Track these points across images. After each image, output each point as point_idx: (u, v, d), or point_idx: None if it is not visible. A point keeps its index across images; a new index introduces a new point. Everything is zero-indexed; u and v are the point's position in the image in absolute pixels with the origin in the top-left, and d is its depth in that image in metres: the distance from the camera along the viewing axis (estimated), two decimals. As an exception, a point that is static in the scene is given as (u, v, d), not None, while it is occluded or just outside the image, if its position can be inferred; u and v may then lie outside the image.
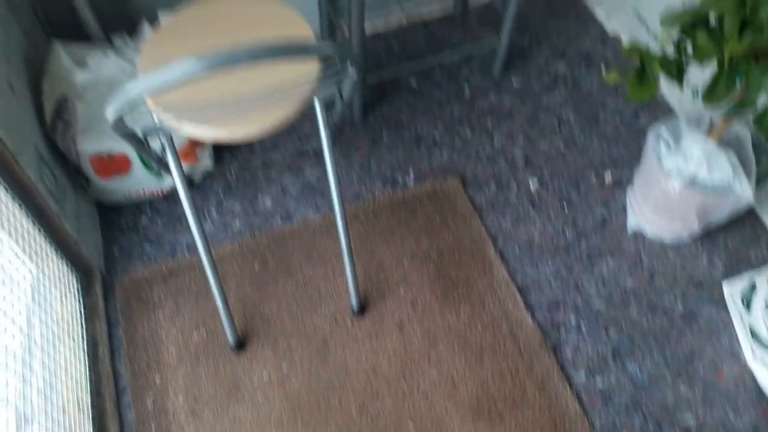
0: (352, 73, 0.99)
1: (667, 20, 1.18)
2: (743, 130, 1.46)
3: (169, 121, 1.01)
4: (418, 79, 1.92)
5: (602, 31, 2.03)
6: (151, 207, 1.66)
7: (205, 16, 1.15)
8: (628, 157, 1.76)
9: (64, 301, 1.41)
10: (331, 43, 0.88)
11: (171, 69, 0.76)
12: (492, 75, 1.92)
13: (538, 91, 1.90)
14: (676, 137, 1.47)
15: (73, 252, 1.44)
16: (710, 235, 1.62)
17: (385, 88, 1.90)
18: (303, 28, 1.12)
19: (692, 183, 1.42)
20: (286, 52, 0.78)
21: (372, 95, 1.88)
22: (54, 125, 1.43)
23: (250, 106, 0.99)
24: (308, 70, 1.03)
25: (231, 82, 1.00)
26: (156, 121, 1.08)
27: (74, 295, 1.46)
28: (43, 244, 1.35)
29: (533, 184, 1.71)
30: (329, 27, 1.94)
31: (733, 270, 1.57)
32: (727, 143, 1.45)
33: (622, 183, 1.71)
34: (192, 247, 1.59)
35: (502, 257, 1.59)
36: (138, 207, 1.65)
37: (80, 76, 1.46)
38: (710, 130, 1.46)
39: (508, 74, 1.93)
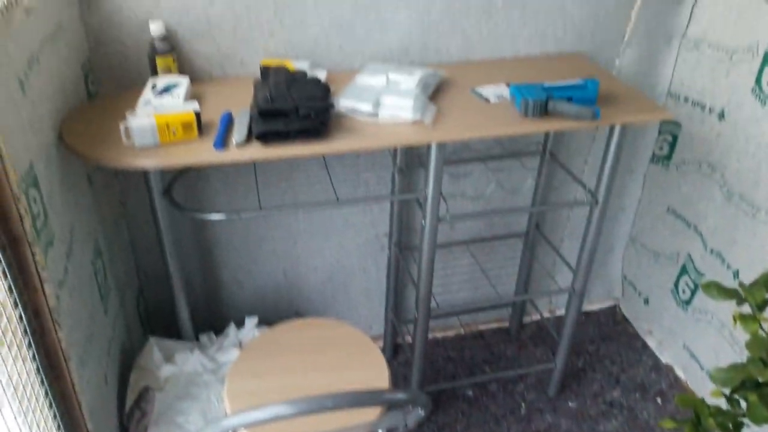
0: (420, 413, 1.07)
1: (717, 379, 1.24)
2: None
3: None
4: (474, 389, 1.98)
5: (655, 360, 2.10)
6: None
7: (286, 339, 1.31)
8: (693, 500, 1.67)
9: None
10: (406, 393, 0.98)
11: (265, 410, 0.86)
12: (547, 394, 1.97)
13: (594, 416, 1.91)
14: (743, 490, 1.41)
15: None
16: None
17: (441, 393, 1.96)
18: (373, 353, 1.25)
19: None
20: (366, 402, 0.88)
21: (428, 403, 1.93)
22: (131, 413, 1.52)
23: None
24: (379, 411, 1.12)
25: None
26: None
27: None
28: None
29: None
30: (392, 332, 2.09)
31: None
32: (800, 503, 1.38)
33: None
34: None
35: None
36: (186, 501, 1.64)
37: (165, 370, 1.60)
38: (779, 485, 1.40)
39: (564, 395, 1.97)
